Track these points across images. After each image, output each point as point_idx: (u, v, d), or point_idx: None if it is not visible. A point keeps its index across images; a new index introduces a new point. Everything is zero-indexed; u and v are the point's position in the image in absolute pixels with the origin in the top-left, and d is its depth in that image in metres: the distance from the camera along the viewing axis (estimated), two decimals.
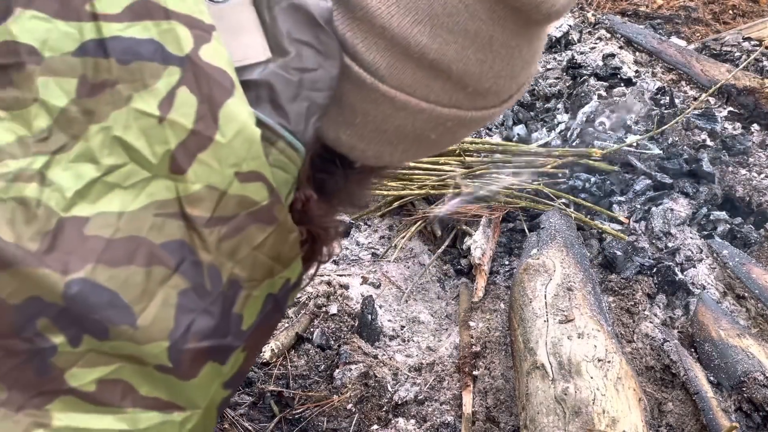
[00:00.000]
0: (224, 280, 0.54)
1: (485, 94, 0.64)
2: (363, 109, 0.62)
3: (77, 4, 0.51)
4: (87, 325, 0.49)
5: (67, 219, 0.48)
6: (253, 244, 0.55)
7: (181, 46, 0.52)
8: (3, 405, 0.48)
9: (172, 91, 0.51)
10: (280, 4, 0.56)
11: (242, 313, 0.56)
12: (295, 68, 0.56)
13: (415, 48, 0.58)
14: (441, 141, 0.67)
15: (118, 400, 0.51)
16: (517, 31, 0.61)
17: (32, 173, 0.48)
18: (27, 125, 0.49)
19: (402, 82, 0.60)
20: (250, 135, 0.53)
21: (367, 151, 0.65)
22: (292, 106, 0.56)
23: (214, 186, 0.52)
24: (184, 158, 0.51)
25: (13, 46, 0.49)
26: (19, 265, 0.47)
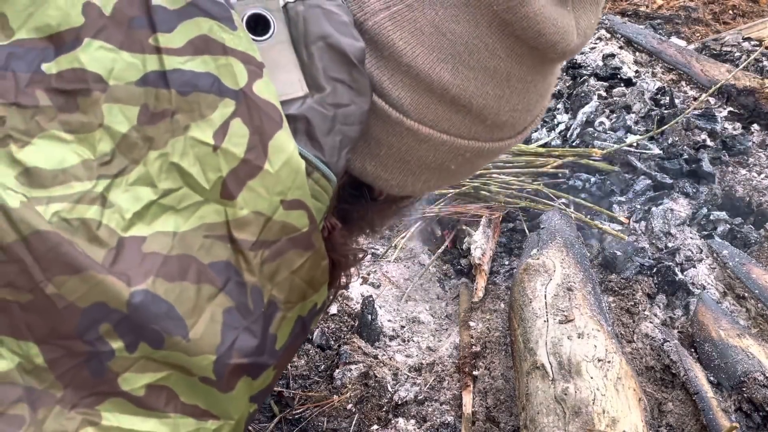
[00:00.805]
0: (265, 301, 0.57)
1: (502, 126, 0.68)
2: (388, 141, 0.66)
3: (141, 37, 0.54)
4: (145, 334, 0.52)
5: (126, 238, 0.52)
6: (292, 268, 0.59)
7: (237, 80, 0.55)
8: (58, 402, 0.51)
9: (226, 121, 0.54)
10: (316, 43, 0.60)
11: (277, 333, 0.59)
12: (331, 104, 0.59)
13: (438, 84, 0.62)
14: (460, 171, 0.72)
15: (163, 405, 0.54)
16: (533, 68, 0.65)
17: (95, 196, 0.52)
18: (92, 148, 0.52)
19: (425, 116, 0.64)
20: (296, 166, 0.56)
21: (390, 180, 0.69)
22: (326, 139, 0.59)
23: (260, 212, 0.55)
24: (234, 185, 0.55)
25: (81, 73, 0.53)
26: (89, 270, 0.50)
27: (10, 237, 0.48)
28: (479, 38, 0.61)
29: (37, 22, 0.53)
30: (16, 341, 0.50)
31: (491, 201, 1.96)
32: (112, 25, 0.54)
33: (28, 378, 0.51)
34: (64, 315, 0.50)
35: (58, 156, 0.51)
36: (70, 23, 0.53)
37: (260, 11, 0.60)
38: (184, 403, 0.55)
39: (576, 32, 0.63)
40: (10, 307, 0.50)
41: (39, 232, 0.49)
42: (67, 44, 0.53)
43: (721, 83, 2.34)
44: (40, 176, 0.51)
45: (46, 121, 0.52)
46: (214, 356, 0.54)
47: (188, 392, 0.55)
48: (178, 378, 0.54)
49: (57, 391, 0.51)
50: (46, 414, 0.51)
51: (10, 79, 0.51)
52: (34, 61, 0.52)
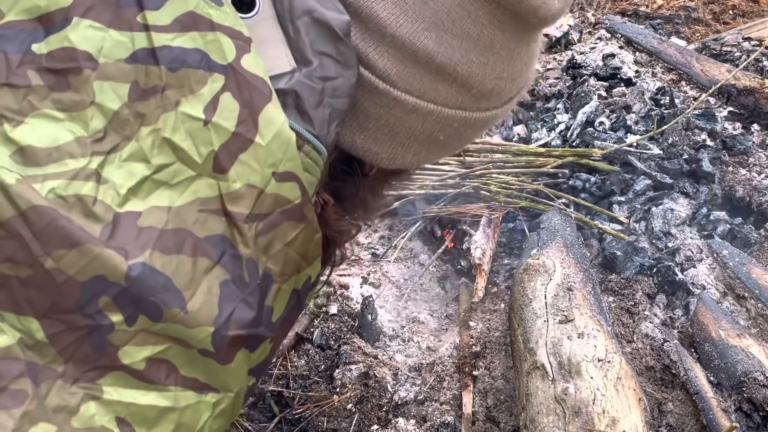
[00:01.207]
0: (260, 273, 0.58)
1: (488, 95, 0.68)
2: (376, 113, 0.67)
3: (129, 16, 0.54)
4: (143, 306, 0.53)
5: (122, 213, 0.52)
6: (286, 240, 0.59)
7: (225, 55, 0.56)
8: (60, 377, 0.52)
9: (216, 96, 0.55)
10: (302, 18, 0.60)
11: (273, 305, 0.60)
12: (318, 77, 0.60)
13: (423, 53, 0.63)
14: (449, 142, 0.72)
15: (163, 378, 0.55)
16: (515, 34, 0.65)
17: (90, 172, 0.52)
18: (84, 126, 0.53)
19: (411, 86, 0.65)
20: (286, 138, 0.57)
21: (380, 153, 0.70)
22: (316, 112, 0.60)
23: (253, 185, 0.56)
24: (226, 158, 0.55)
25: (71, 52, 0.53)
26: (87, 244, 0.51)
27: (8, 212, 0.49)
28: (461, 6, 0.62)
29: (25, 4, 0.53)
30: (17, 316, 0.51)
31: (491, 201, 1.96)
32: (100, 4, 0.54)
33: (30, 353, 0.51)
34: (63, 289, 0.51)
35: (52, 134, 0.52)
36: (58, 4, 0.53)
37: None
38: (184, 376, 0.56)
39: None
40: (9, 282, 0.50)
41: (36, 207, 0.50)
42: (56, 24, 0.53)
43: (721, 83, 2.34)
44: (35, 154, 0.51)
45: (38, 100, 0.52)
46: (212, 328, 0.55)
47: (188, 365, 0.55)
48: (177, 351, 0.55)
49: (58, 365, 0.52)
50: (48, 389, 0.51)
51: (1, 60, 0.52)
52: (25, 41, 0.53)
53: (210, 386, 0.57)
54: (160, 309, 0.53)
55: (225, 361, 0.57)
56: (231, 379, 0.58)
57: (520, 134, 2.38)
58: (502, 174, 2.06)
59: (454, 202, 2.00)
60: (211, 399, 0.57)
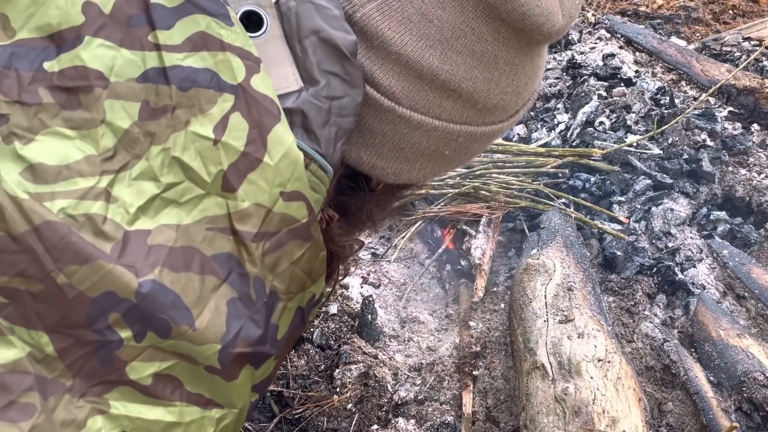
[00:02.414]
0: (267, 291, 0.59)
1: (493, 110, 0.69)
2: (381, 130, 0.67)
3: (140, 35, 0.55)
4: (152, 323, 0.53)
5: (132, 232, 0.53)
6: (292, 258, 0.60)
7: (235, 75, 0.56)
8: (68, 391, 0.52)
9: (225, 116, 0.55)
10: (309, 38, 0.60)
11: (278, 323, 0.60)
12: (325, 96, 0.61)
13: (428, 71, 0.64)
14: (454, 157, 0.72)
15: (169, 394, 0.55)
16: (520, 50, 0.66)
17: (99, 191, 0.52)
18: (95, 144, 0.53)
19: (417, 103, 0.65)
20: (295, 158, 0.57)
21: (386, 169, 0.70)
22: (322, 131, 0.60)
23: (261, 204, 0.57)
24: (235, 178, 0.56)
25: (82, 70, 0.54)
26: (98, 260, 0.51)
27: (21, 227, 0.49)
28: (465, 23, 0.62)
29: (38, 22, 0.54)
30: (27, 330, 0.51)
31: (491, 201, 1.96)
32: (111, 23, 0.55)
33: (39, 367, 0.51)
34: (74, 304, 0.51)
35: (62, 152, 0.52)
36: (70, 22, 0.54)
37: (253, 8, 0.60)
38: (189, 392, 0.56)
39: (561, 13, 0.64)
40: (21, 296, 0.50)
41: (49, 222, 0.50)
42: (68, 42, 0.54)
43: (721, 83, 2.34)
44: (45, 172, 0.51)
45: (48, 117, 0.52)
46: (219, 345, 0.55)
47: (194, 381, 0.56)
48: (184, 367, 0.55)
49: (67, 379, 0.52)
50: (56, 402, 0.51)
51: (12, 77, 0.52)
52: (36, 59, 0.53)
53: (215, 402, 0.58)
54: (169, 326, 0.53)
55: (230, 377, 0.57)
56: (235, 396, 0.59)
57: (520, 134, 2.38)
58: (502, 174, 2.06)
59: (454, 202, 2.00)
60: (215, 414, 0.58)
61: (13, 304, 0.50)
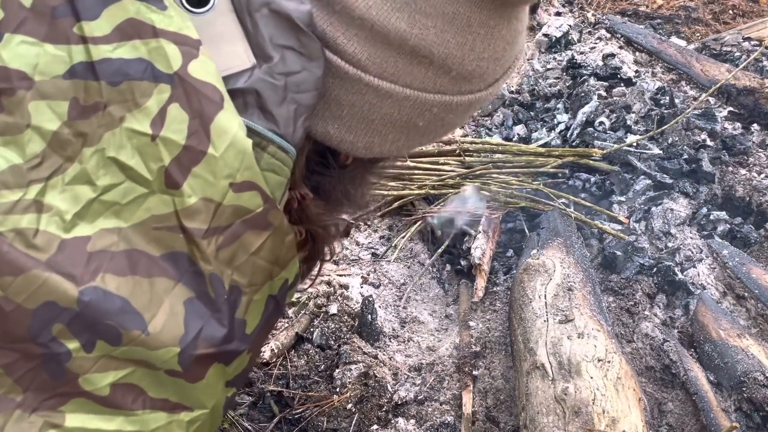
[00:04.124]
0: (226, 287, 0.56)
1: (469, 77, 0.64)
2: (348, 101, 0.63)
3: (65, 27, 0.51)
4: (101, 331, 0.51)
5: (69, 240, 0.50)
6: (251, 250, 0.57)
7: (170, 63, 0.53)
8: (18, 407, 0.50)
9: (163, 108, 0.52)
10: (260, 11, 0.57)
11: (245, 318, 0.58)
12: (280, 73, 0.57)
13: (395, 35, 0.59)
14: (429, 129, 0.67)
15: (129, 402, 0.53)
16: (494, 11, 0.61)
17: (27, 204, 0.49)
18: (20, 151, 0.50)
19: (384, 70, 0.61)
20: (242, 146, 0.54)
21: (356, 142, 0.66)
22: (279, 110, 0.57)
23: (209, 198, 0.54)
24: (178, 173, 0.52)
25: (3, 71, 0.50)
26: (33, 270, 0.48)
27: None
28: None
29: None
30: None
31: (491, 201, 1.96)
32: (33, 17, 0.51)
33: None
34: (13, 318, 0.49)
35: None
36: None
37: None
38: (153, 398, 0.54)
39: None
40: None
41: None
42: None
43: (721, 83, 2.34)
44: None
45: None
46: (177, 348, 0.53)
47: (156, 387, 0.54)
48: (143, 374, 0.53)
49: (17, 395, 0.50)
50: (5, 419, 0.50)
51: None
52: None
53: (182, 405, 0.55)
54: (118, 332, 0.51)
55: (195, 379, 0.55)
56: (204, 396, 0.57)
57: (520, 134, 2.38)
58: (502, 174, 2.06)
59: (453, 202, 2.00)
60: (184, 417, 0.56)
61: None
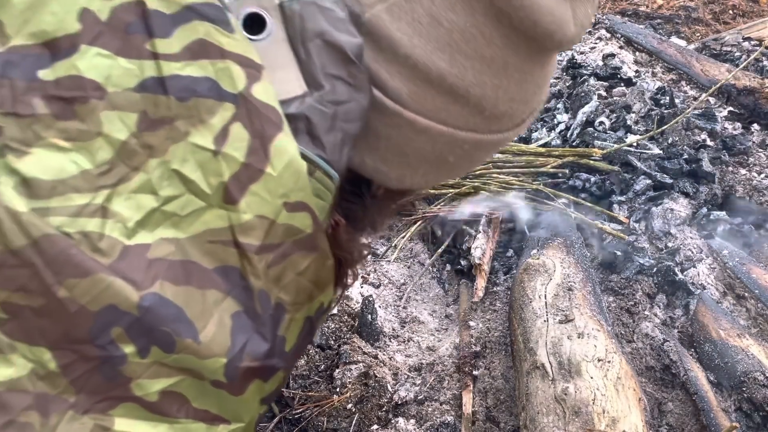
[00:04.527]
0: (272, 304, 0.58)
1: (500, 117, 0.67)
2: (386, 133, 0.65)
3: (138, 43, 0.53)
4: (156, 337, 0.52)
5: (131, 246, 0.52)
6: (297, 270, 0.59)
7: (235, 83, 0.55)
8: (71, 407, 0.51)
9: (226, 126, 0.54)
10: (314, 41, 0.59)
11: (286, 335, 0.59)
12: (330, 101, 0.59)
13: (436, 74, 0.62)
14: (458, 164, 0.71)
15: (175, 411, 0.54)
16: (530, 57, 0.64)
17: (95, 208, 0.51)
18: (91, 157, 0.52)
19: (423, 107, 0.64)
20: (297, 168, 0.56)
21: (389, 174, 0.69)
22: (327, 137, 0.59)
23: (264, 216, 0.55)
24: (236, 189, 0.54)
25: (78, 80, 0.52)
26: (98, 273, 0.50)
27: (20, 241, 0.48)
28: (476, 27, 0.61)
29: (32, 28, 0.52)
30: (29, 347, 0.50)
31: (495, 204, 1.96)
32: (108, 31, 0.53)
33: (41, 384, 0.50)
34: (76, 319, 0.50)
35: (56, 166, 0.51)
36: (66, 29, 0.52)
37: (256, 10, 0.59)
38: (196, 408, 0.55)
39: (573, 22, 0.63)
40: (22, 311, 0.50)
41: (48, 235, 0.49)
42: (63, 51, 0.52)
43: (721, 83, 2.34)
44: (39, 187, 0.50)
45: (43, 129, 0.51)
46: (225, 359, 0.55)
47: (200, 397, 0.55)
48: (190, 383, 0.54)
49: (70, 396, 0.51)
50: (58, 419, 0.51)
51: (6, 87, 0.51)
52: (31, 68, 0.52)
53: (221, 418, 0.57)
54: (173, 339, 0.52)
55: (237, 392, 0.56)
56: (243, 410, 0.58)
57: (520, 134, 2.38)
58: (502, 174, 2.06)
59: (454, 202, 2.00)
60: (222, 430, 0.57)
61: (14, 319, 0.50)
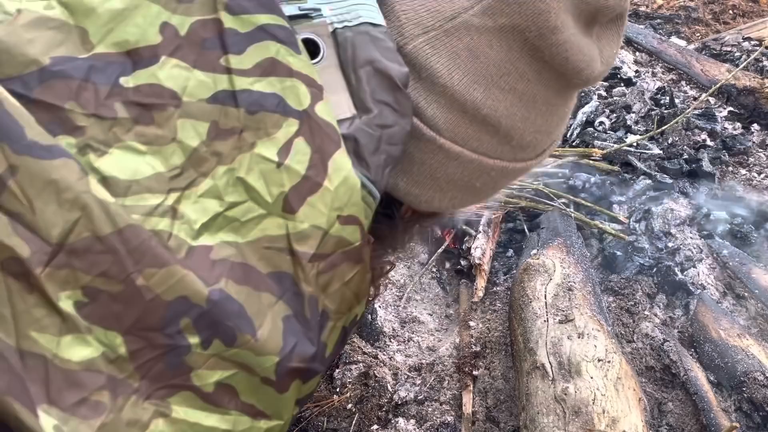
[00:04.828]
0: (319, 310, 0.61)
1: (525, 147, 0.72)
2: (420, 158, 0.70)
3: (213, 58, 0.58)
4: (220, 330, 0.55)
5: (196, 247, 0.55)
6: (344, 280, 0.62)
7: (301, 101, 0.58)
8: (135, 392, 0.54)
9: (290, 140, 0.58)
10: (364, 68, 0.63)
11: (327, 341, 0.62)
12: (377, 125, 0.63)
13: (471, 105, 0.66)
14: (483, 190, 0.75)
15: (226, 402, 0.57)
16: (558, 92, 0.69)
17: (165, 209, 0.54)
18: (164, 161, 0.55)
19: (457, 135, 0.68)
20: (352, 183, 0.60)
21: (420, 196, 0.73)
22: (373, 158, 0.62)
23: (319, 226, 0.59)
24: (296, 200, 0.58)
25: (158, 89, 0.56)
26: (174, 265, 0.53)
27: (107, 228, 0.51)
28: (511, 62, 0.65)
29: (116, 38, 0.56)
30: (104, 330, 0.52)
31: (491, 201, 1.96)
32: (186, 45, 0.57)
33: (111, 367, 0.53)
34: (150, 307, 0.53)
35: (133, 166, 0.54)
36: (147, 41, 0.56)
37: (311, 36, 0.63)
38: (243, 402, 0.58)
39: (600, 60, 0.68)
40: (101, 296, 0.52)
41: (132, 225, 0.52)
42: (144, 60, 0.56)
43: (721, 83, 2.34)
44: (116, 185, 0.53)
45: (123, 132, 0.54)
46: (277, 358, 0.57)
47: (248, 392, 0.58)
48: (242, 377, 0.57)
49: (135, 381, 0.53)
50: (124, 402, 0.53)
51: (90, 90, 0.54)
52: (113, 74, 0.55)
53: (264, 413, 0.59)
54: (234, 334, 0.55)
55: (282, 390, 0.59)
56: (283, 408, 0.61)
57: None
58: None
59: None
60: (263, 425, 0.60)
61: (93, 303, 0.52)
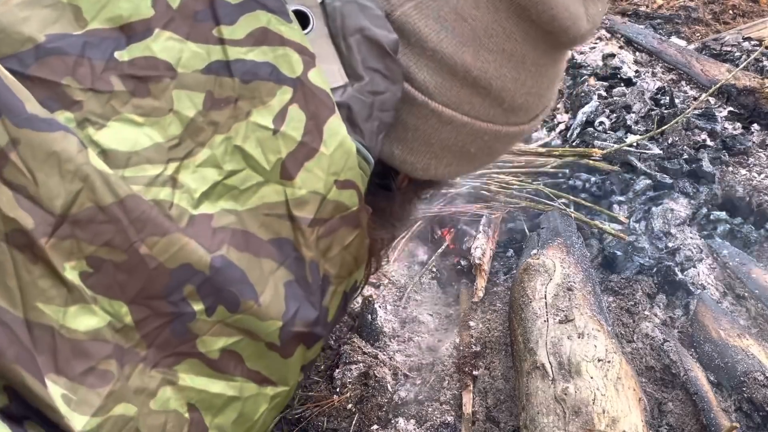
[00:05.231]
0: (320, 275, 0.62)
1: (517, 110, 0.72)
2: (413, 124, 0.70)
3: (206, 29, 0.58)
4: (223, 296, 0.56)
5: (197, 216, 0.56)
6: (343, 244, 0.63)
7: (293, 69, 0.59)
8: (142, 361, 0.55)
9: (284, 107, 0.59)
10: (354, 36, 0.64)
11: (328, 306, 0.64)
12: (369, 91, 0.64)
13: (461, 67, 0.66)
14: (478, 156, 0.75)
15: (231, 369, 0.59)
16: (546, 51, 0.69)
17: (166, 179, 0.55)
18: (162, 132, 0.56)
19: (448, 98, 0.68)
20: (348, 148, 0.61)
21: (416, 164, 0.73)
22: (366, 125, 0.63)
23: (317, 191, 0.60)
24: (293, 166, 0.59)
25: (153, 61, 0.57)
26: (176, 233, 0.54)
27: (109, 198, 0.52)
28: (497, 22, 0.65)
29: (109, 13, 0.57)
30: (109, 300, 0.53)
31: (491, 201, 1.96)
32: (179, 17, 0.58)
33: (117, 336, 0.54)
34: (154, 275, 0.54)
35: (132, 138, 0.55)
36: (140, 14, 0.57)
37: (300, 7, 0.64)
38: (249, 369, 0.59)
39: (586, 18, 0.68)
40: (105, 266, 0.53)
41: (133, 195, 0.53)
42: (138, 34, 0.57)
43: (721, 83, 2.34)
44: (116, 157, 0.54)
45: (120, 104, 0.55)
46: (280, 322, 0.58)
47: (253, 358, 0.59)
48: (247, 343, 0.58)
49: (141, 349, 0.55)
50: (131, 370, 0.54)
51: (86, 65, 0.55)
52: (108, 49, 0.56)
53: (270, 380, 0.61)
54: (237, 300, 0.56)
55: (287, 355, 0.61)
56: (289, 374, 0.62)
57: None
58: (502, 174, 2.06)
59: (453, 202, 2.00)
60: (270, 392, 0.61)
61: (97, 273, 0.53)
